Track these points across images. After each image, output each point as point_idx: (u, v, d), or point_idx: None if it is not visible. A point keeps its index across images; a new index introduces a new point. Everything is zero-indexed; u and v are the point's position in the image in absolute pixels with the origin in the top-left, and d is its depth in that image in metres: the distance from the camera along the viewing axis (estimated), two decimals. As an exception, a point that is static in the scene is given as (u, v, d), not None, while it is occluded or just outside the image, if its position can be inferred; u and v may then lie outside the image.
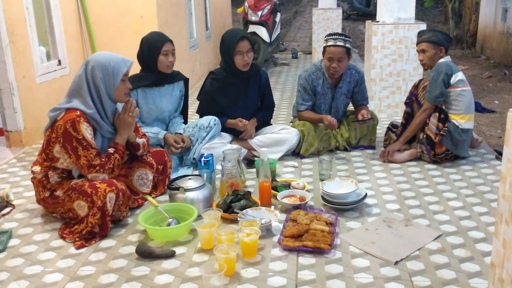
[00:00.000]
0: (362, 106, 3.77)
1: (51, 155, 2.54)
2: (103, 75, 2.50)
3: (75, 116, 2.42)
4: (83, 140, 2.42)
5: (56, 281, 2.13)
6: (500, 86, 6.60)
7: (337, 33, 3.57)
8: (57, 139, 2.47)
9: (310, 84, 3.64)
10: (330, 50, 3.50)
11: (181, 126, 3.48)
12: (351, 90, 3.74)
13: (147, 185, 2.88)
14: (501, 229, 1.45)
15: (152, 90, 3.31)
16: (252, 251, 2.25)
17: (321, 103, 3.71)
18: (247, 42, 3.38)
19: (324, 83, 3.66)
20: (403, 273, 2.12)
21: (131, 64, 2.60)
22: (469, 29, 10.02)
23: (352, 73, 3.71)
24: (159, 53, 3.20)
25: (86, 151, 2.43)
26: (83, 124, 2.43)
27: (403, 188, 3.05)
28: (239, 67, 3.41)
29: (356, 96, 3.76)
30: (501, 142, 4.15)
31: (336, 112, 3.76)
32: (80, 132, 2.42)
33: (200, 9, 7.31)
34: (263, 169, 2.72)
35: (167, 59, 3.22)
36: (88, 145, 2.44)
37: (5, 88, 3.89)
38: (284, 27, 13.31)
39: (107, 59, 2.52)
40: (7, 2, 3.82)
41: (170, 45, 3.24)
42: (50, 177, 2.57)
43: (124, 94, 2.60)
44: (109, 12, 5.13)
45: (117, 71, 2.52)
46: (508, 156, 1.39)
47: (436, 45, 3.36)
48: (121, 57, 2.57)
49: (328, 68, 3.56)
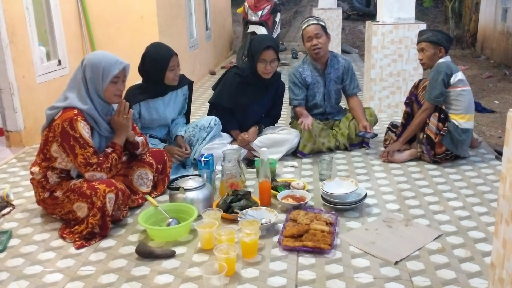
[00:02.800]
0: (354, 98, 3.81)
1: (48, 154, 2.53)
2: (93, 74, 2.48)
3: (73, 115, 2.42)
4: (80, 138, 2.42)
5: (56, 281, 2.13)
6: (500, 86, 6.60)
7: (309, 16, 3.69)
8: (55, 138, 2.47)
9: (299, 78, 3.70)
10: (306, 30, 3.68)
11: (182, 128, 3.46)
12: (340, 76, 3.80)
13: (147, 185, 2.88)
14: (501, 229, 1.45)
15: (155, 102, 3.24)
16: (252, 251, 2.25)
17: (315, 92, 3.76)
18: (272, 51, 3.37)
19: (312, 72, 3.74)
20: (403, 273, 2.12)
21: (125, 66, 2.53)
22: (469, 29, 10.02)
23: (339, 60, 3.82)
24: (166, 69, 3.10)
25: (83, 149, 2.42)
26: (81, 123, 2.43)
27: (403, 188, 3.05)
28: (261, 73, 3.43)
29: (346, 84, 3.82)
30: (501, 142, 4.15)
31: (328, 99, 3.81)
32: (78, 130, 2.41)
33: (200, 9, 7.32)
34: (263, 169, 2.72)
35: (174, 74, 3.14)
36: (85, 143, 2.43)
37: (5, 88, 3.89)
38: (284, 27, 13.31)
39: (99, 59, 2.50)
40: (7, 2, 3.82)
41: (175, 58, 3.14)
42: (49, 177, 2.57)
43: (115, 95, 2.55)
44: (109, 12, 5.13)
45: (107, 73, 2.48)
46: (508, 156, 1.39)
47: (435, 45, 3.37)
48: (115, 59, 2.52)
49: (310, 48, 3.67)
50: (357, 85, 3.87)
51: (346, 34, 12.27)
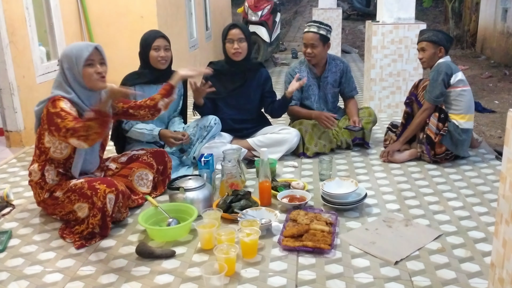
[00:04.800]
0: (351, 100, 3.81)
1: (43, 148, 2.52)
2: (68, 64, 2.48)
3: (56, 98, 2.42)
4: (61, 111, 2.36)
5: (56, 281, 2.13)
6: (500, 86, 6.60)
7: (314, 20, 3.71)
8: (44, 127, 2.46)
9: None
10: (304, 36, 3.71)
11: (180, 125, 3.48)
12: (337, 80, 3.80)
13: (147, 186, 2.88)
14: (501, 229, 1.45)
15: (150, 88, 3.29)
16: (252, 251, 2.25)
17: (310, 94, 3.77)
18: (238, 30, 3.42)
19: (309, 74, 3.74)
20: (403, 273, 2.12)
21: (95, 47, 2.49)
22: (469, 29, 10.02)
23: (337, 63, 3.82)
24: (150, 48, 3.21)
25: (64, 120, 2.34)
26: (63, 101, 2.41)
27: (403, 188, 3.05)
28: (230, 55, 3.45)
29: (344, 86, 3.82)
30: (501, 142, 4.15)
31: (324, 102, 3.82)
32: (58, 106, 2.38)
33: (200, 9, 7.31)
34: (263, 169, 2.72)
35: (158, 54, 3.21)
36: (66, 114, 2.35)
37: (5, 88, 3.89)
38: (284, 27, 13.30)
39: (70, 48, 2.51)
40: (7, 2, 3.82)
41: (161, 40, 3.23)
42: (47, 175, 2.55)
43: (95, 79, 2.48)
44: (109, 12, 5.13)
45: (79, 57, 2.45)
46: (508, 156, 1.39)
47: (435, 45, 3.37)
48: (85, 44, 2.52)
49: (304, 54, 3.70)
50: (354, 87, 3.87)
51: (346, 34, 12.27)
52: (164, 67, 3.27)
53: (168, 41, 3.27)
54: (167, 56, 3.25)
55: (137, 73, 3.30)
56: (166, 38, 3.27)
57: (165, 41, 3.25)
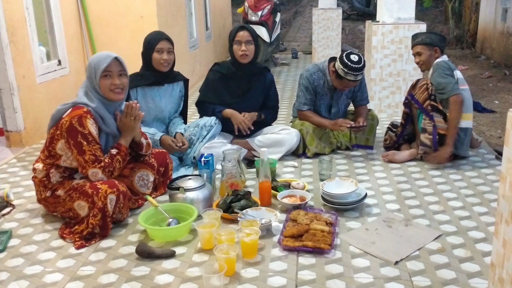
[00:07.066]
0: (362, 106, 3.76)
1: (53, 152, 2.54)
2: (89, 73, 2.56)
3: (82, 112, 2.45)
4: (89, 135, 2.44)
5: (56, 281, 2.13)
6: (500, 86, 6.60)
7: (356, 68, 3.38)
8: (61, 135, 2.48)
9: (312, 84, 3.62)
10: (345, 83, 3.48)
11: (181, 126, 3.48)
12: (352, 89, 3.73)
13: (147, 186, 2.88)
14: (501, 229, 1.45)
15: (152, 89, 3.32)
16: (252, 251, 2.25)
17: (321, 103, 3.71)
18: (247, 33, 3.41)
19: (325, 84, 3.64)
20: (403, 273, 2.12)
21: (112, 58, 2.53)
22: (469, 29, 10.01)
23: None
24: (153, 50, 3.21)
25: (91, 145, 2.45)
26: (90, 120, 2.46)
27: (403, 188, 3.05)
28: (237, 57, 3.44)
29: (357, 95, 3.76)
30: (501, 142, 4.15)
31: (337, 112, 3.76)
32: (86, 127, 2.44)
33: (200, 9, 7.31)
34: (263, 169, 2.72)
35: (160, 57, 3.21)
36: (93, 140, 2.46)
37: (5, 88, 3.89)
38: (284, 27, 13.30)
39: (94, 57, 2.58)
40: (7, 2, 3.82)
41: (165, 43, 3.23)
42: (52, 176, 2.57)
43: (110, 91, 2.55)
44: (109, 12, 5.13)
45: (97, 68, 2.52)
46: (508, 156, 1.39)
47: (430, 46, 3.38)
48: (106, 54, 2.56)
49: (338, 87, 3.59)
50: (366, 97, 3.77)
51: (346, 34, 12.26)
52: (167, 69, 3.29)
53: (171, 43, 3.28)
54: (170, 59, 3.26)
55: (139, 75, 3.30)
56: (170, 41, 3.26)
57: (168, 44, 3.25)
